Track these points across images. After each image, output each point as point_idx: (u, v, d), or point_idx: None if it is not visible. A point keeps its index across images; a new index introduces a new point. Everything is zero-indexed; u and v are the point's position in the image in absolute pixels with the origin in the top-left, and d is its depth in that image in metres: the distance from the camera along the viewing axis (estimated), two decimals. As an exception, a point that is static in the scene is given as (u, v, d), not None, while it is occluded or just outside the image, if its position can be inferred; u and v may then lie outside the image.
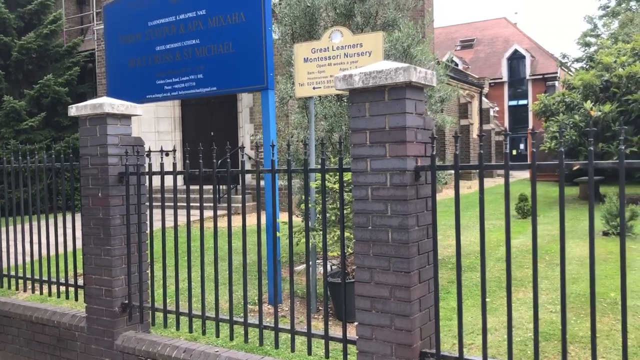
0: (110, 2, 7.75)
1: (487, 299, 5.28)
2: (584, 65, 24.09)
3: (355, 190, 3.10)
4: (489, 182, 22.37)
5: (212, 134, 16.71)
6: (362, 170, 3.08)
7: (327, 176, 5.44)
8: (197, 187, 8.23)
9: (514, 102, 40.76)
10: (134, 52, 7.24)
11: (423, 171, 3.03)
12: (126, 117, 4.33)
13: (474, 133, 27.34)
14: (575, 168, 2.57)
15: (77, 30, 21.38)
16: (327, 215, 5.49)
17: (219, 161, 7.55)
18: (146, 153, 4.29)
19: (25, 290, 5.42)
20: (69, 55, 17.63)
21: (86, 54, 18.29)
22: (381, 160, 3.00)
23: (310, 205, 5.62)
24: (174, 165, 3.98)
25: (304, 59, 6.05)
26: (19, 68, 16.61)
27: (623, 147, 2.44)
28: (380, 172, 3.00)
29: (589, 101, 12.76)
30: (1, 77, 15.94)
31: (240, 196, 6.44)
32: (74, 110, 4.35)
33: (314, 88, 6.07)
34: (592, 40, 27.06)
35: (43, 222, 5.25)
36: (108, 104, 4.16)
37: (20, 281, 5.52)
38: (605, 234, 9.36)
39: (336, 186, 5.58)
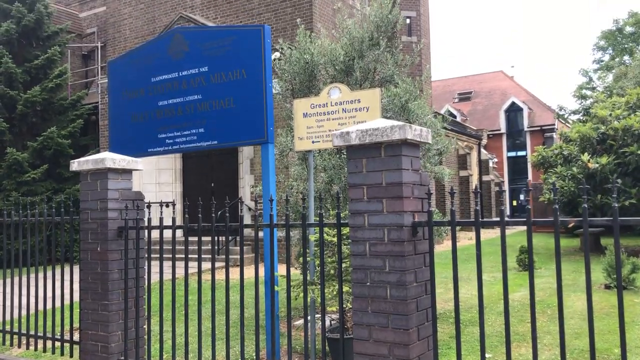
0: (115, 58, 7.95)
1: (489, 355, 5.19)
2: (581, 118, 24.43)
3: (353, 245, 3.11)
4: (489, 233, 22.29)
5: (212, 185, 16.79)
6: (360, 226, 3.09)
7: (326, 229, 5.45)
8: (197, 238, 8.21)
9: (512, 153, 41.07)
10: (137, 106, 7.38)
11: (420, 227, 3.05)
12: (127, 172, 4.38)
13: (474, 184, 27.45)
14: (570, 225, 2.59)
15: (81, 84, 21.81)
16: (326, 269, 5.46)
17: (219, 213, 7.59)
18: (146, 204, 4.32)
19: (19, 346, 5.34)
20: (73, 108, 17.93)
21: (90, 107, 18.59)
22: (378, 215, 3.02)
23: (308, 258, 5.60)
24: (173, 219, 4.00)
25: (304, 114, 6.17)
26: (24, 120, 16.86)
27: (617, 205, 2.47)
28: (378, 227, 3.02)
29: (586, 153, 12.88)
30: (5, 130, 16.15)
31: (239, 247, 6.41)
32: (75, 165, 4.40)
33: (313, 142, 6.16)
34: (588, 93, 27.55)
35: (41, 275, 5.22)
36: (110, 159, 4.21)
37: (15, 336, 5.44)
38: (607, 287, 9.27)
39: (335, 239, 5.58)
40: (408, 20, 20.01)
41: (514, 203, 37.92)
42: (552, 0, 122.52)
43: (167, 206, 11.23)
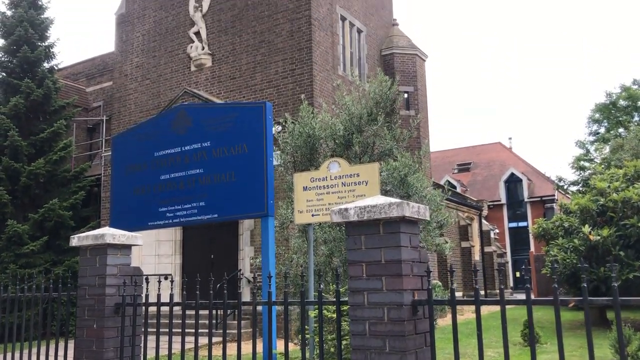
0: (119, 134, 8.13)
1: None
2: (580, 189, 24.54)
3: (352, 324, 3.07)
4: (493, 306, 21.87)
5: (212, 256, 16.67)
6: (360, 304, 3.06)
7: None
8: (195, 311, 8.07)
9: (514, 224, 41.01)
10: (139, 180, 7.46)
11: (420, 305, 3.02)
12: (126, 247, 4.39)
13: (476, 255, 27.22)
14: (571, 305, 2.57)
15: (85, 156, 22.12)
16: (326, 346, 5.34)
17: (217, 286, 7.50)
18: (145, 278, 4.29)
19: None
20: (76, 180, 18.10)
21: (92, 179, 18.78)
22: (378, 294, 3.00)
23: (308, 335, 5.49)
24: (171, 296, 3.96)
25: (304, 187, 6.24)
26: (26, 192, 16.97)
27: (616, 284, 2.46)
28: (378, 306, 2.99)
29: (587, 225, 12.85)
30: (7, 202, 16.24)
31: (237, 322, 6.27)
32: (75, 240, 4.41)
33: (312, 215, 6.19)
34: (586, 164, 27.86)
35: (34, 350, 5.10)
36: (110, 234, 4.23)
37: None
38: (616, 363, 9.01)
39: (334, 316, 5.49)
40: (406, 95, 20.53)
41: (517, 274, 37.47)
42: (545, 73, 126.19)
43: (166, 278, 11.12)
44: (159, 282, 4.28)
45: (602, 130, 31.62)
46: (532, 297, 2.74)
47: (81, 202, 17.70)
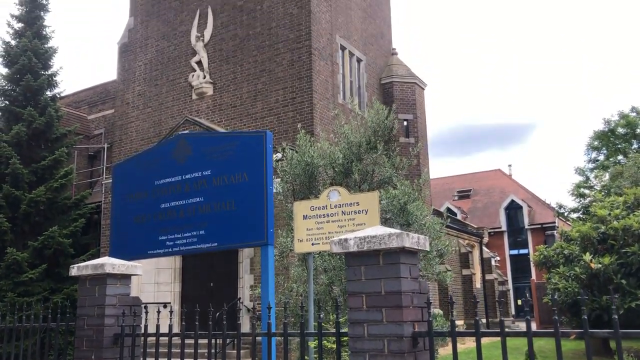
0: (120, 162, 8.16)
1: None
2: (581, 216, 24.53)
3: (352, 356, 3.05)
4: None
5: (211, 284, 16.56)
6: (360, 336, 3.05)
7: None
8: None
9: (514, 252, 40.85)
10: (139, 209, 7.46)
11: (421, 337, 3.00)
12: (126, 277, 4.38)
13: (477, 283, 27.04)
14: (572, 338, 2.56)
15: (86, 184, 22.17)
16: (326, 377, 5.29)
17: (217, 314, 7.45)
18: (144, 306, 4.27)
19: None
20: (76, 207, 18.10)
21: (93, 206, 18.78)
22: (378, 325, 2.99)
23: (308, 366, 5.43)
24: (170, 327, 3.94)
25: (304, 216, 6.24)
26: (26, 220, 16.96)
27: (616, 317, 2.46)
28: (378, 338, 2.98)
29: (587, 253, 12.81)
30: (7, 230, 16.21)
31: (236, 352, 6.23)
32: (75, 270, 4.41)
33: (312, 244, 6.19)
34: (586, 191, 27.88)
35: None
36: (109, 264, 4.22)
37: None
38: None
39: (334, 346, 5.45)
40: (405, 123, 20.68)
41: (519, 302, 37.16)
42: (540, 100, 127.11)
43: (165, 307, 11.05)
44: (158, 311, 4.27)
45: (602, 157, 31.74)
46: (533, 327, 2.73)
47: (81, 229, 17.68)
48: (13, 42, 18.63)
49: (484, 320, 27.34)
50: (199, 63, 18.66)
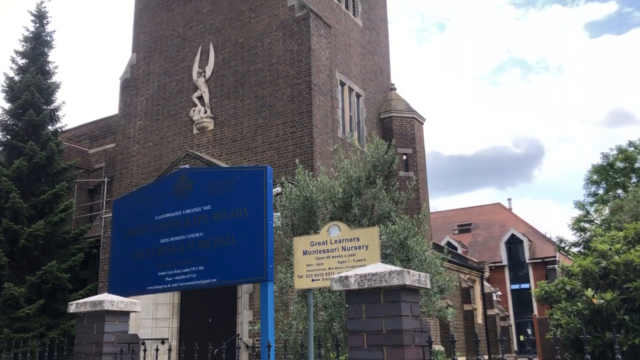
0: (120, 197, 8.18)
1: None
2: (582, 250, 24.42)
3: (352, 397, 3.01)
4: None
5: (210, 320, 16.37)
6: (360, 376, 3.01)
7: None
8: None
9: (516, 286, 40.52)
10: (139, 244, 7.43)
11: (422, 377, 2.97)
12: (125, 314, 4.34)
13: (479, 318, 26.72)
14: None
15: (85, 218, 22.13)
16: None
17: (215, 351, 7.34)
18: (142, 342, 4.22)
19: None
20: (75, 241, 18.04)
21: (92, 241, 18.71)
22: (378, 365, 2.96)
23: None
24: (169, 365, 3.89)
25: (303, 251, 6.22)
26: (25, 254, 16.88)
27: (619, 356, 2.44)
28: (378, 377, 2.94)
29: (589, 289, 12.69)
30: (5, 264, 16.12)
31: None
32: (73, 307, 4.37)
33: (312, 280, 6.15)
34: (587, 225, 27.82)
35: None
36: (108, 301, 4.20)
37: None
38: None
39: (335, 385, 5.37)
40: (405, 157, 20.78)
41: (521, 338, 36.65)
42: (536, 131, 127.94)
43: (163, 343, 10.91)
44: (157, 349, 4.22)
45: (601, 191, 31.78)
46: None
47: (79, 264, 17.58)
48: (17, 78, 18.88)
49: (486, 357, 26.92)
50: (200, 98, 18.85)
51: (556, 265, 36.72)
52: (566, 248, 28.41)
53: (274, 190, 12.34)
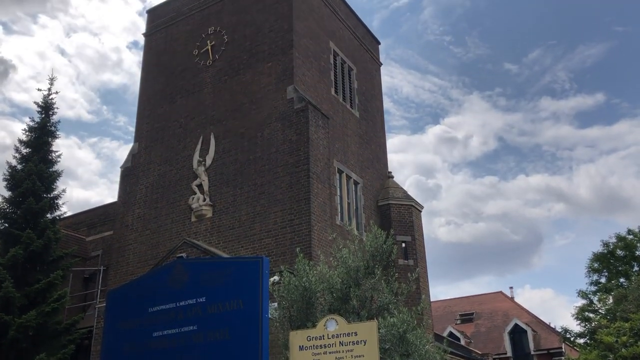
0: (115, 288, 8.06)
1: None
2: (588, 341, 23.74)
3: None
4: None
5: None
6: None
7: None
8: None
9: (522, 379, 39.00)
10: (131, 337, 7.23)
11: None
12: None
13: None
14: None
15: (79, 307, 21.66)
16: None
17: None
18: None
19: None
20: (67, 332, 17.53)
21: (84, 332, 18.20)
22: None
23: None
24: None
25: (300, 347, 6.04)
26: (13, 346, 16.33)
27: None
28: None
29: (598, 383, 12.25)
30: (-8, 358, 15.58)
31: None
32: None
33: (309, 377, 5.92)
34: (591, 315, 27.19)
35: None
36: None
37: None
38: None
39: None
40: (404, 245, 20.69)
41: None
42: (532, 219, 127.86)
43: None
44: None
45: (603, 279, 31.33)
46: None
47: (70, 356, 16.97)
48: (19, 167, 19.10)
49: None
50: (200, 186, 19.04)
51: (562, 357, 35.56)
52: (572, 339, 27.59)
53: (272, 279, 12.20)
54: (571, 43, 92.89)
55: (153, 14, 24.21)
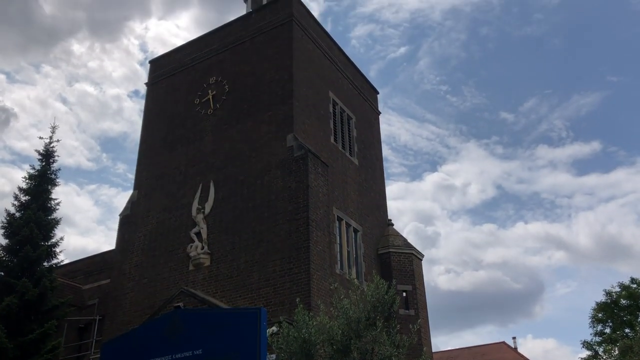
0: (110, 340, 7.88)
1: None
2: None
3: None
4: None
5: None
6: None
7: None
8: None
9: None
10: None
11: None
12: None
13: None
14: None
15: (73, 358, 21.15)
16: None
17: None
18: None
19: None
20: (59, 385, 17.06)
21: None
22: None
23: None
24: None
25: (299, 402, 5.84)
26: (4, 400, 15.86)
27: None
28: None
29: None
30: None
31: None
32: None
33: None
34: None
35: None
36: None
37: None
38: None
39: None
40: (404, 294, 20.40)
41: None
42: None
43: None
44: None
45: (608, 330, 30.77)
46: None
47: (61, 410, 16.46)
48: (17, 214, 19.00)
49: None
50: (198, 234, 18.91)
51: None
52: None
53: (270, 329, 11.96)
54: (566, 92, 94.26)
55: (155, 64, 24.64)
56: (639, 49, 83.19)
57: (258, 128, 19.53)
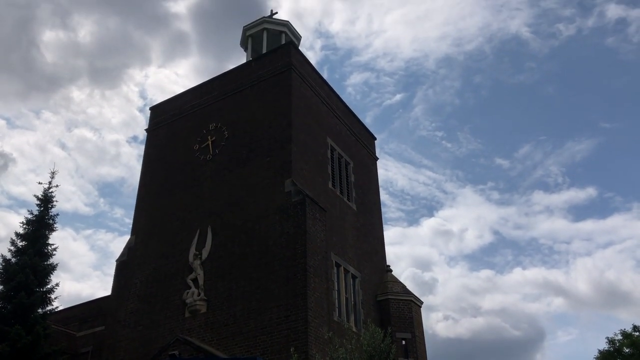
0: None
1: None
2: None
3: None
4: None
5: None
6: None
7: None
8: None
9: None
10: None
11: None
12: None
13: None
14: None
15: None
16: None
17: None
18: None
19: None
20: None
21: None
22: None
23: None
24: None
25: None
26: None
27: None
28: None
29: None
30: None
31: None
32: None
33: None
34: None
35: None
36: None
37: None
38: None
39: None
40: (404, 342, 20.07)
41: None
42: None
43: None
44: None
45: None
46: None
47: None
48: (13, 260, 18.90)
49: None
50: (195, 280, 18.74)
51: None
52: None
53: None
54: (560, 138, 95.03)
55: (155, 111, 24.97)
56: (630, 97, 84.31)
57: (256, 173, 19.63)
